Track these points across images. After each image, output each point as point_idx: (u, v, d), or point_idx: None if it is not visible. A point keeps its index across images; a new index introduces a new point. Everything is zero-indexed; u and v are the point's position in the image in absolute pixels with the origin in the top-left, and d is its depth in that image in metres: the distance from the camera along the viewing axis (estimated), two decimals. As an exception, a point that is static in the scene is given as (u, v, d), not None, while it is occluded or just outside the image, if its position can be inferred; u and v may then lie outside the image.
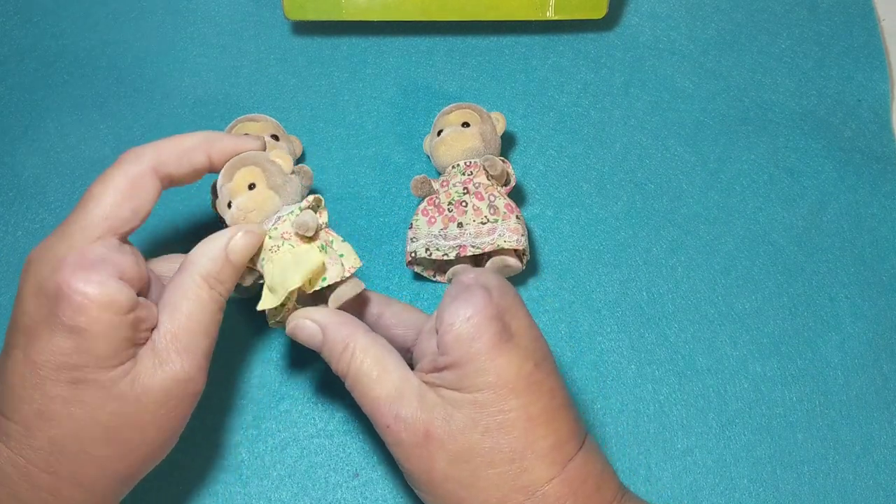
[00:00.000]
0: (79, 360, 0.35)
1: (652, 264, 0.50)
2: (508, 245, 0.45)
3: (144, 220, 0.39)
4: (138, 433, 0.37)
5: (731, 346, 0.48)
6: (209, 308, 0.38)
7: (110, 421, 0.36)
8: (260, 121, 0.50)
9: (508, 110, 0.54)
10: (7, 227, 0.51)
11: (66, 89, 0.55)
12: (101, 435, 0.36)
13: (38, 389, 0.35)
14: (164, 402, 0.37)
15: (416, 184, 0.48)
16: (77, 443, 0.36)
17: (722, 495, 0.45)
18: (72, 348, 0.35)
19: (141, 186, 0.38)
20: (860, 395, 0.47)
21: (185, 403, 0.38)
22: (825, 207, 0.52)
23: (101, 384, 0.36)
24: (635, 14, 0.58)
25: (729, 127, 0.55)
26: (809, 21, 0.58)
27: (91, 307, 0.35)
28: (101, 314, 0.35)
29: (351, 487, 0.45)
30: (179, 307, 0.38)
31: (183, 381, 0.37)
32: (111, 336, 0.35)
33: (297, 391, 0.47)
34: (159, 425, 0.38)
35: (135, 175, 0.38)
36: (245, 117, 0.50)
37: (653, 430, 0.46)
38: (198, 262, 0.38)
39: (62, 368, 0.35)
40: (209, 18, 0.57)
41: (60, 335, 0.35)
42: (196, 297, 0.38)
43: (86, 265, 0.36)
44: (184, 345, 0.37)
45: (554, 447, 0.35)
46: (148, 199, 0.39)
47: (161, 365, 0.37)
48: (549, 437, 0.35)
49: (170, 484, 0.45)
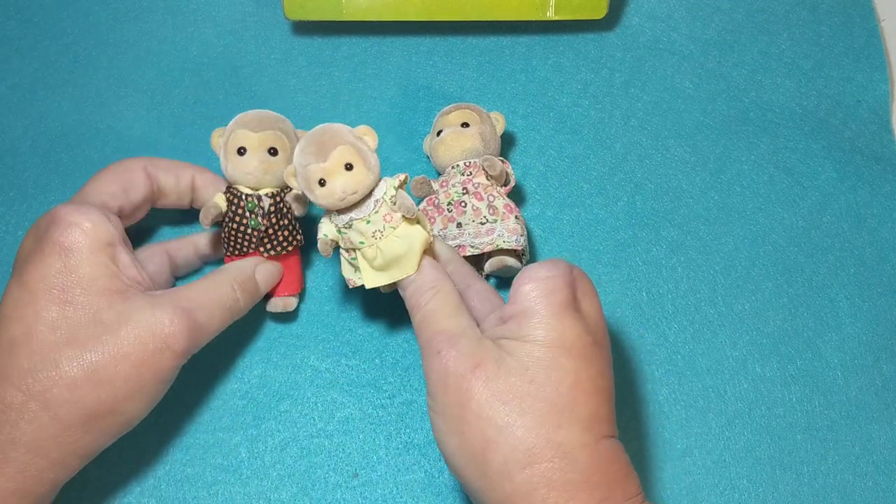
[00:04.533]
0: (67, 279, 0.39)
1: (652, 264, 0.50)
2: (507, 245, 0.45)
3: (137, 208, 0.44)
4: (112, 364, 0.38)
5: (731, 346, 0.48)
6: (223, 296, 0.43)
7: (88, 342, 0.38)
8: (258, 131, 0.44)
9: (509, 110, 0.54)
10: (7, 227, 0.51)
11: (66, 89, 0.55)
12: (76, 356, 0.38)
13: (30, 307, 0.38)
14: (144, 340, 0.39)
15: (415, 184, 0.48)
16: (53, 361, 0.38)
17: (721, 495, 0.45)
18: (60, 268, 0.39)
19: (129, 172, 0.44)
20: (860, 395, 0.47)
21: (161, 359, 0.40)
22: (825, 208, 0.52)
23: (87, 308, 0.39)
24: (635, 14, 0.58)
25: (729, 127, 0.54)
26: (809, 21, 0.58)
27: (76, 231, 0.39)
28: (84, 238, 0.39)
29: (350, 487, 0.45)
30: (197, 283, 0.43)
31: (167, 332, 0.40)
32: (95, 260, 0.39)
33: (297, 391, 0.47)
34: (134, 362, 0.39)
35: (125, 164, 0.44)
36: (244, 117, 0.45)
37: (652, 430, 0.47)
38: (230, 268, 0.45)
39: (52, 287, 0.39)
40: (209, 18, 0.57)
41: (50, 255, 0.39)
42: (215, 284, 0.43)
43: (77, 203, 0.41)
44: (184, 305, 0.41)
45: (592, 418, 0.36)
46: (136, 185, 0.44)
47: (153, 308, 0.40)
48: (589, 406, 0.36)
49: (169, 484, 0.45)
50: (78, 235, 0.39)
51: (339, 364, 0.48)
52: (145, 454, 0.46)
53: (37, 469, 0.38)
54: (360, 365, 0.48)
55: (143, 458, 0.46)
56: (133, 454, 0.45)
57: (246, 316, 0.49)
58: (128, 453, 0.45)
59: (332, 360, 0.48)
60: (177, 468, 0.45)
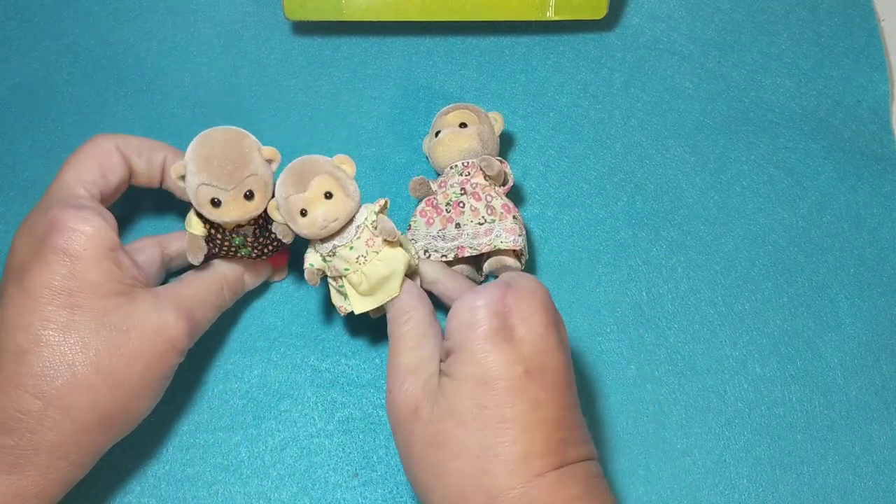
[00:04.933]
0: (73, 284, 0.38)
1: (652, 264, 0.50)
2: (505, 245, 0.45)
3: (116, 192, 0.44)
4: (125, 366, 0.39)
5: (731, 346, 0.48)
6: (214, 296, 0.44)
7: (101, 347, 0.38)
8: (230, 187, 0.41)
9: (508, 110, 0.54)
10: (7, 227, 0.51)
11: (66, 89, 0.55)
12: (91, 360, 0.38)
13: (36, 314, 0.38)
14: (153, 341, 0.40)
15: (413, 185, 0.48)
16: (68, 368, 0.38)
17: (721, 495, 0.45)
18: (65, 273, 0.38)
19: (106, 155, 0.43)
20: (860, 395, 0.47)
21: (167, 357, 0.41)
22: (825, 208, 0.52)
23: (95, 312, 0.39)
24: (635, 14, 0.58)
25: (729, 127, 0.54)
26: (809, 21, 0.58)
27: (81, 237, 0.39)
28: (89, 244, 0.39)
29: (350, 487, 0.45)
30: (192, 282, 0.43)
31: (172, 333, 0.41)
32: (101, 266, 0.39)
33: (297, 391, 0.47)
34: (146, 363, 0.40)
35: (100, 146, 0.43)
36: (209, 165, 0.41)
37: (652, 430, 0.47)
38: (222, 269, 0.45)
39: (58, 293, 0.38)
40: (209, 18, 0.57)
41: (54, 261, 0.38)
42: (208, 283, 0.44)
43: (75, 206, 0.40)
44: (184, 305, 0.42)
45: (522, 457, 0.34)
46: (114, 168, 0.43)
47: (158, 309, 0.40)
48: (517, 445, 0.35)
49: (169, 484, 0.45)
50: (82, 241, 0.39)
51: (339, 364, 0.48)
52: (145, 454, 0.46)
53: (57, 471, 0.38)
54: (360, 365, 0.48)
55: (143, 458, 0.46)
56: (133, 454, 0.45)
57: (246, 316, 0.49)
58: (128, 453, 0.45)
59: (332, 360, 0.48)
60: (177, 468, 0.45)
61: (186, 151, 0.41)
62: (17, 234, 0.41)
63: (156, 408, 0.42)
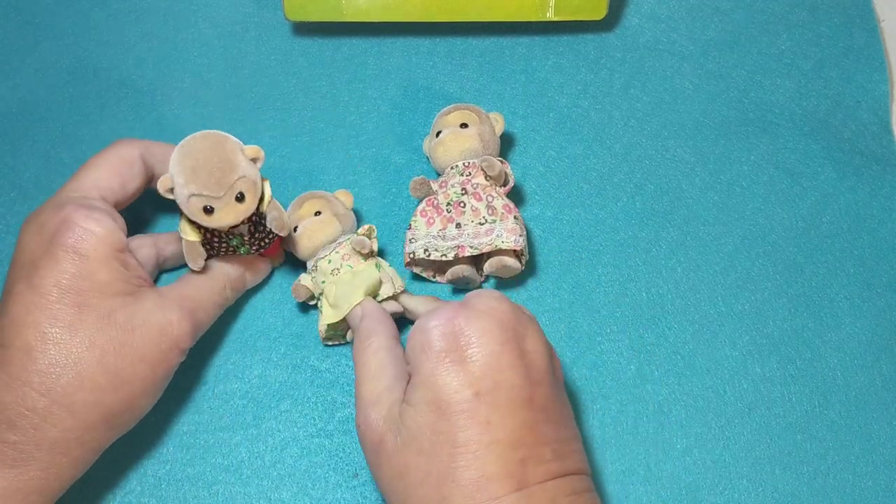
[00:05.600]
0: (82, 283, 0.39)
1: (652, 264, 0.50)
2: (506, 245, 0.45)
3: (131, 199, 0.44)
4: (130, 365, 0.39)
5: (731, 346, 0.48)
6: (217, 295, 0.45)
7: (107, 345, 0.39)
8: (220, 193, 0.41)
9: (508, 111, 0.54)
10: (7, 227, 0.51)
11: (66, 89, 0.55)
12: (97, 359, 0.38)
13: (44, 311, 0.38)
14: (157, 340, 0.40)
15: (414, 185, 0.48)
16: (74, 366, 0.38)
17: (721, 495, 0.45)
18: (75, 272, 0.39)
19: (129, 164, 0.43)
20: (860, 395, 0.47)
21: (171, 356, 0.41)
22: (825, 208, 0.52)
23: (102, 310, 0.39)
24: (635, 15, 0.58)
25: (729, 128, 0.55)
26: (809, 22, 0.58)
27: (92, 237, 0.39)
28: (99, 245, 0.39)
29: (351, 487, 0.45)
30: (195, 281, 0.44)
31: (176, 333, 0.41)
32: (109, 266, 0.40)
33: (297, 391, 0.47)
34: (150, 362, 0.40)
35: (124, 154, 0.43)
36: (195, 176, 0.40)
37: (652, 430, 0.46)
38: (224, 268, 0.46)
39: (67, 291, 0.38)
40: (210, 19, 0.57)
41: (65, 259, 0.39)
42: (211, 283, 0.44)
43: (87, 206, 0.40)
44: (187, 305, 0.42)
45: (475, 482, 0.34)
46: (134, 178, 0.44)
47: (163, 309, 0.41)
48: (471, 470, 0.34)
49: (169, 484, 0.45)
50: (93, 242, 0.39)
51: (339, 364, 0.48)
52: (145, 454, 0.46)
53: (59, 468, 0.39)
54: (360, 365, 0.48)
55: (143, 458, 0.46)
56: (133, 454, 0.45)
57: (246, 316, 0.49)
58: (128, 453, 0.45)
59: (332, 360, 0.48)
60: (177, 468, 0.45)
61: (170, 164, 0.40)
62: (26, 229, 0.41)
63: (156, 407, 0.43)
